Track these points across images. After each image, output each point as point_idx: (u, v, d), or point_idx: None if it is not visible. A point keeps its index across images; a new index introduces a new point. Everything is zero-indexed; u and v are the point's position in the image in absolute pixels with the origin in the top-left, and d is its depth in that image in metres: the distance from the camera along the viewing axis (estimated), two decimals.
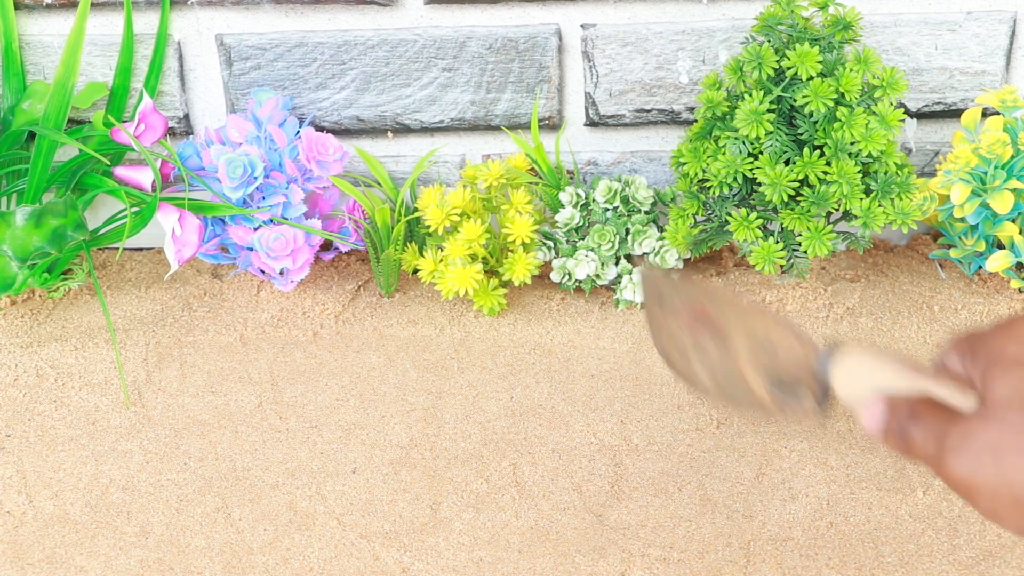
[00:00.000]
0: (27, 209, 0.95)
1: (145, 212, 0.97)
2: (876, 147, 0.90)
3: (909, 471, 0.84)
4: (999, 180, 0.93)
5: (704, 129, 0.96)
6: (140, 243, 1.10)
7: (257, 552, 0.79)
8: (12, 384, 0.94)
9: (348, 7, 1.02)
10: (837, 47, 0.92)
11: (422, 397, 0.92)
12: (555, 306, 1.01)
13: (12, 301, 1.02)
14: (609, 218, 1.01)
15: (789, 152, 0.92)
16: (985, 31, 1.00)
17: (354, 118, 1.06)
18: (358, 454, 0.87)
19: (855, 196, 0.91)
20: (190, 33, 1.03)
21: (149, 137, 0.99)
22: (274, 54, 1.03)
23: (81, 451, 0.88)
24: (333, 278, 1.06)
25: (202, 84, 1.05)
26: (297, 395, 0.93)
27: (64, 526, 0.81)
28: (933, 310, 0.99)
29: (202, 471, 0.86)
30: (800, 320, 0.98)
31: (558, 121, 1.06)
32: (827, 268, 1.04)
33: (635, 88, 1.04)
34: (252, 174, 0.97)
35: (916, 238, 1.08)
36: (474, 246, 0.96)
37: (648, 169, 1.07)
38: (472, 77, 1.04)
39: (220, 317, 1.01)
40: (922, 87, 1.03)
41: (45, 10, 1.02)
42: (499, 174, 1.00)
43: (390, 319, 1.00)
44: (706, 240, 0.99)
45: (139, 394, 0.93)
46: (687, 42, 1.02)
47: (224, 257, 1.04)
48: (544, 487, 0.83)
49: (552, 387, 0.93)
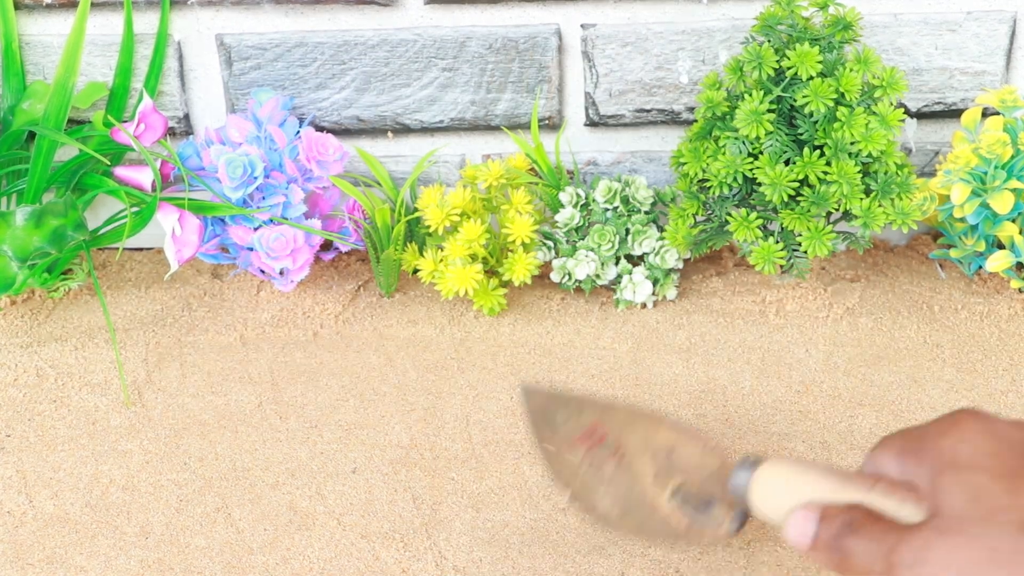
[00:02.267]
0: (27, 209, 0.95)
1: (145, 212, 0.97)
2: (876, 147, 0.90)
3: None
4: (999, 180, 0.93)
5: (704, 129, 0.96)
6: (140, 243, 1.10)
7: (257, 552, 0.79)
8: (12, 384, 0.94)
9: (348, 7, 1.02)
10: (837, 47, 0.92)
11: (422, 397, 0.92)
12: (555, 306, 1.01)
13: (12, 301, 1.02)
14: (609, 218, 1.01)
15: (789, 152, 0.92)
16: (985, 31, 1.00)
17: (354, 118, 1.06)
18: (358, 454, 0.87)
19: (855, 196, 0.91)
20: (190, 33, 1.03)
21: (149, 137, 0.99)
22: (274, 54, 1.03)
23: (81, 451, 0.88)
24: (333, 278, 1.06)
25: (202, 84, 1.05)
26: (297, 395, 0.93)
27: (64, 526, 0.81)
28: (933, 310, 0.99)
29: (202, 471, 0.86)
30: (800, 320, 0.98)
31: (558, 121, 1.06)
32: (827, 268, 1.04)
33: (635, 88, 1.04)
34: (252, 174, 0.97)
35: (916, 238, 1.08)
36: (474, 246, 0.96)
37: (648, 169, 1.07)
38: (472, 77, 1.04)
39: (220, 317, 1.01)
40: (922, 87, 1.03)
41: (45, 10, 1.02)
42: (499, 174, 1.00)
43: (390, 319, 1.00)
44: (706, 240, 0.99)
45: (139, 394, 0.93)
46: (687, 42, 1.02)
47: (224, 257, 1.04)
48: (544, 487, 0.83)
49: (552, 387, 0.93)
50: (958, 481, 0.56)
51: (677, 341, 0.97)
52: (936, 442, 0.58)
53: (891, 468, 0.60)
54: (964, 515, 0.55)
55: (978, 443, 0.57)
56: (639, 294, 1.00)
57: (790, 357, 0.94)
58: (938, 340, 0.96)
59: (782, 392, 0.91)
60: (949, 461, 0.57)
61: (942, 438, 0.58)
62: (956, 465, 0.57)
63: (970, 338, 0.96)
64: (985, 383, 0.91)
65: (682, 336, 0.97)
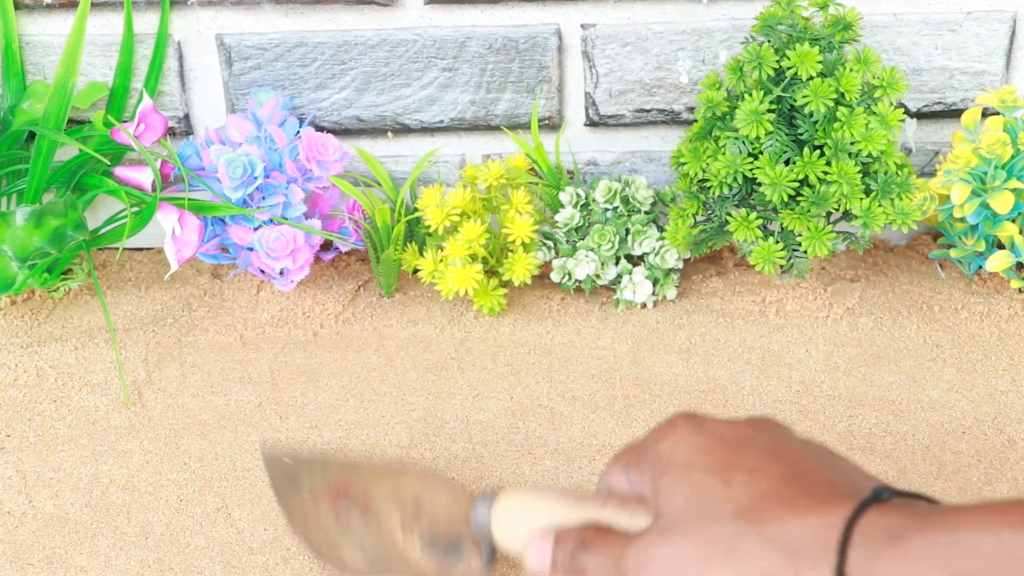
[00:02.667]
0: (27, 209, 0.95)
1: (145, 212, 0.97)
2: (876, 147, 0.90)
3: (910, 472, 0.84)
4: (999, 180, 0.93)
5: (704, 129, 0.96)
6: (140, 243, 1.10)
7: (257, 552, 0.79)
8: (12, 384, 0.94)
9: (348, 7, 1.02)
10: (837, 47, 0.92)
11: (422, 397, 0.92)
12: (555, 306, 1.01)
13: (12, 301, 1.02)
14: (609, 218, 1.01)
15: (789, 152, 0.92)
16: (985, 31, 1.00)
17: (354, 118, 1.06)
18: (358, 454, 0.87)
19: (855, 196, 0.91)
20: (190, 33, 1.03)
21: (149, 137, 0.99)
22: (274, 54, 1.03)
23: (81, 451, 0.88)
24: (333, 278, 1.06)
25: (202, 84, 1.05)
26: (297, 395, 0.93)
27: (64, 526, 0.81)
28: (933, 310, 0.99)
29: (202, 471, 0.86)
30: (800, 320, 0.98)
31: (558, 121, 1.06)
32: (827, 268, 1.04)
33: (635, 88, 1.04)
34: (252, 174, 0.97)
35: (916, 238, 1.08)
36: (474, 246, 0.96)
37: (648, 169, 1.07)
38: (472, 77, 1.04)
39: (220, 317, 1.01)
40: (922, 87, 1.03)
41: (45, 10, 1.02)
42: (499, 174, 1.00)
43: (390, 319, 1.00)
44: (706, 240, 0.99)
45: (139, 394, 0.93)
46: (687, 42, 1.02)
47: (224, 257, 1.04)
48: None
49: (552, 387, 0.93)
50: (675, 480, 0.57)
51: (677, 341, 0.97)
52: (654, 448, 0.60)
53: (621, 483, 0.61)
54: (683, 512, 0.56)
55: (692, 442, 0.59)
56: (639, 294, 1.00)
57: (790, 357, 0.94)
58: (938, 340, 0.96)
59: (782, 392, 0.91)
60: (666, 463, 0.58)
61: (658, 443, 0.60)
62: (672, 466, 0.58)
63: (970, 338, 0.96)
64: (985, 383, 0.91)
65: (682, 336, 0.97)
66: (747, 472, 0.57)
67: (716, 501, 0.55)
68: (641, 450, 0.61)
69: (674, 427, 0.60)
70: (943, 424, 0.87)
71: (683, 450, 0.59)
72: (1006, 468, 0.83)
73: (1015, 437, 0.86)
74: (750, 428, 0.61)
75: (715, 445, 0.59)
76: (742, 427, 0.61)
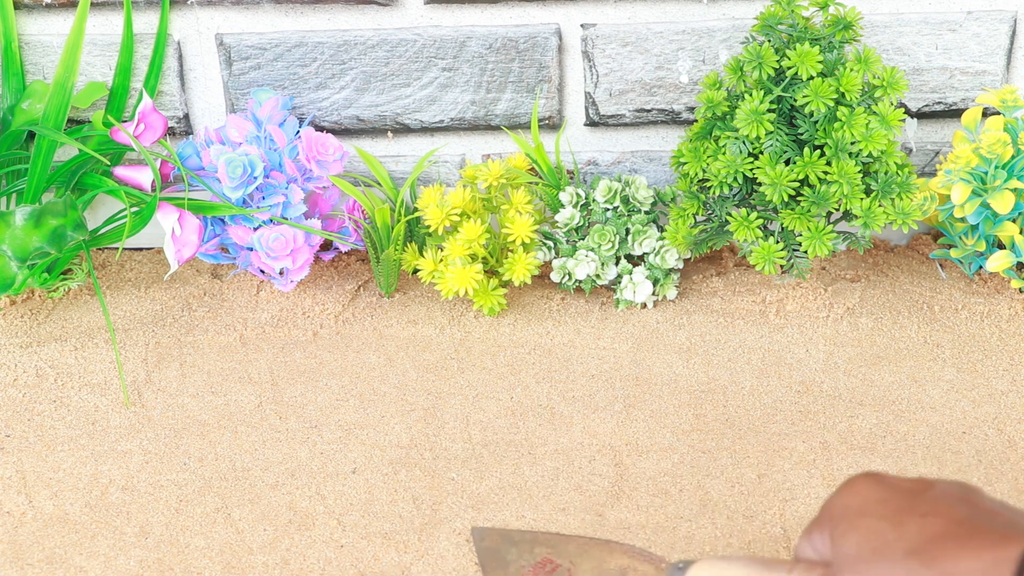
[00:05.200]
0: (27, 209, 0.95)
1: (145, 212, 0.97)
2: (876, 147, 0.90)
3: (910, 473, 0.84)
4: (999, 180, 0.93)
5: (704, 129, 0.96)
6: (140, 243, 1.10)
7: (257, 552, 0.79)
8: (12, 384, 0.94)
9: (348, 7, 1.02)
10: (837, 47, 0.92)
11: (422, 397, 0.92)
12: (555, 306, 1.01)
13: (12, 301, 1.02)
14: (609, 218, 1.01)
15: (789, 152, 0.92)
16: (985, 31, 1.00)
17: (354, 118, 1.06)
18: (358, 454, 0.87)
19: (855, 196, 0.91)
20: (190, 33, 1.03)
21: (149, 137, 0.99)
22: (274, 54, 1.03)
23: (81, 451, 0.88)
24: (333, 278, 1.06)
25: (202, 84, 1.05)
26: (297, 395, 0.93)
27: (64, 526, 0.81)
28: (933, 310, 0.99)
29: (202, 471, 0.86)
30: (800, 320, 0.98)
31: (558, 121, 1.06)
32: (827, 268, 1.04)
33: (635, 88, 1.04)
34: (252, 174, 0.97)
35: (916, 238, 1.08)
36: (474, 246, 0.96)
37: (648, 169, 1.07)
38: (472, 77, 1.04)
39: (220, 317, 1.01)
40: (922, 87, 1.03)
41: (45, 10, 1.02)
42: (499, 174, 1.00)
43: (390, 319, 1.00)
44: (706, 240, 0.99)
45: (139, 394, 0.93)
46: (687, 42, 1.02)
47: (224, 257, 1.04)
48: (544, 487, 0.83)
49: (552, 387, 0.93)
50: (847, 529, 0.59)
51: (677, 341, 0.97)
52: (832, 505, 0.62)
53: (807, 550, 0.64)
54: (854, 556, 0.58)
55: (867, 494, 0.61)
56: (639, 294, 1.00)
57: (790, 357, 0.94)
58: (938, 340, 0.96)
59: (782, 392, 0.91)
60: (841, 515, 0.61)
61: (836, 500, 0.62)
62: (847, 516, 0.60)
63: (970, 338, 0.96)
64: (985, 383, 0.91)
65: (682, 336, 0.97)
66: (920, 516, 0.58)
67: (887, 543, 0.57)
68: (822, 512, 0.63)
69: (852, 484, 0.62)
70: (943, 424, 0.87)
71: (857, 502, 0.60)
72: (1006, 468, 0.83)
73: (1015, 437, 0.86)
74: (932, 481, 0.62)
75: (890, 496, 0.60)
76: (924, 480, 0.62)
